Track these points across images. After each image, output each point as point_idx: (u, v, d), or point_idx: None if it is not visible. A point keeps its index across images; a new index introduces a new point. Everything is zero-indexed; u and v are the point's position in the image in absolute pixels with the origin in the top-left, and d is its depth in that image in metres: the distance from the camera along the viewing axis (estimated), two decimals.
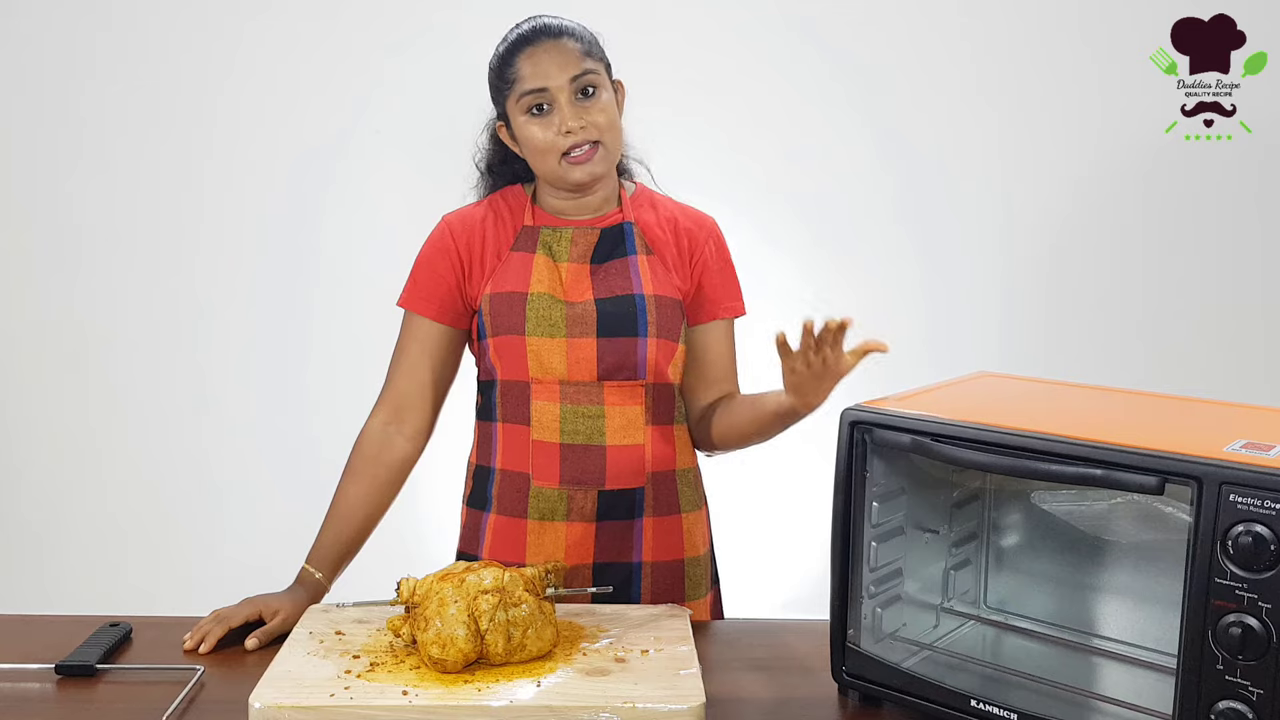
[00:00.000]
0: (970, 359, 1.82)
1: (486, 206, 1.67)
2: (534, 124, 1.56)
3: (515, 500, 1.61)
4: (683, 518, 1.65)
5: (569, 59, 1.55)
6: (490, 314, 1.60)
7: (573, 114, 1.54)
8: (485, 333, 1.61)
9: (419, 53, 3.00)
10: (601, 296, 1.59)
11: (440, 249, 1.64)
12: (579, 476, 1.59)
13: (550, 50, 1.56)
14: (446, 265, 1.63)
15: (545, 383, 1.58)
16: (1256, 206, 3.11)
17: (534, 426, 1.59)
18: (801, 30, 3.07)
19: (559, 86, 1.54)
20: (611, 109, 1.58)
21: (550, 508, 1.59)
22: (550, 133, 1.55)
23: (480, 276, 1.62)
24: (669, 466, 1.64)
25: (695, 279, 1.66)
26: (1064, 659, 1.36)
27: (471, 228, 1.64)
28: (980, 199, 3.15)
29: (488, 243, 1.62)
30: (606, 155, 1.58)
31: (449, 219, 1.66)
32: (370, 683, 1.25)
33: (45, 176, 3.09)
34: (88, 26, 3.02)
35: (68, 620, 1.50)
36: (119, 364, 3.15)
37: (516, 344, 1.58)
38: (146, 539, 3.16)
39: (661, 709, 1.20)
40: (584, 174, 1.57)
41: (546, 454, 1.59)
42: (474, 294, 1.62)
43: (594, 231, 1.62)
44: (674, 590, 1.64)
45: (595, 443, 1.58)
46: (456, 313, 1.64)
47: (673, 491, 1.64)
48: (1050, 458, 1.13)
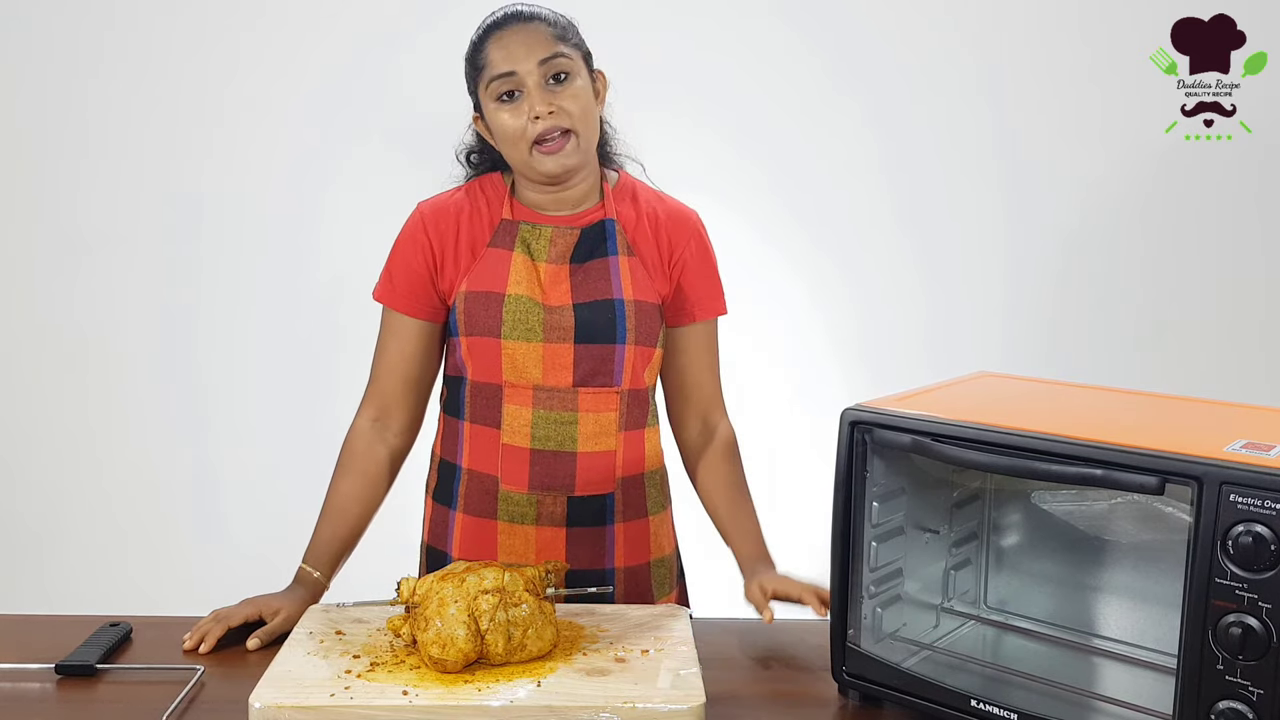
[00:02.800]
0: (970, 359, 1.82)
1: (464, 195, 1.62)
2: (504, 111, 1.51)
3: (483, 501, 1.59)
4: (650, 520, 1.64)
5: (538, 42, 1.50)
6: (465, 312, 1.56)
7: (541, 99, 1.49)
8: (457, 330, 1.57)
9: (420, 53, 2.99)
10: (580, 301, 1.55)
11: (412, 240, 1.59)
12: (548, 482, 1.56)
13: (519, 33, 1.51)
14: (419, 258, 1.58)
15: (519, 387, 1.55)
16: (1256, 206, 3.11)
17: (505, 430, 1.56)
18: (800, 30, 3.07)
19: (528, 70, 1.49)
20: (585, 96, 1.52)
21: (519, 511, 1.58)
22: (520, 120, 1.50)
23: (454, 270, 1.57)
24: (638, 470, 1.62)
25: (675, 279, 1.62)
26: (1064, 659, 1.36)
27: (446, 217, 1.59)
28: (980, 199, 3.15)
29: (462, 234, 1.58)
30: (579, 145, 1.52)
31: (422, 208, 1.62)
32: (370, 683, 1.25)
33: (45, 177, 3.08)
34: (89, 27, 3.02)
35: (68, 620, 1.50)
36: (119, 364, 3.15)
37: (491, 346, 1.55)
38: (146, 539, 3.15)
39: (661, 709, 1.20)
40: (555, 165, 1.51)
41: (516, 458, 1.56)
42: (447, 288, 1.58)
43: (574, 231, 1.58)
44: (643, 591, 1.64)
45: (566, 449, 1.56)
46: (432, 307, 1.60)
47: (641, 495, 1.63)
48: (1050, 458, 1.13)
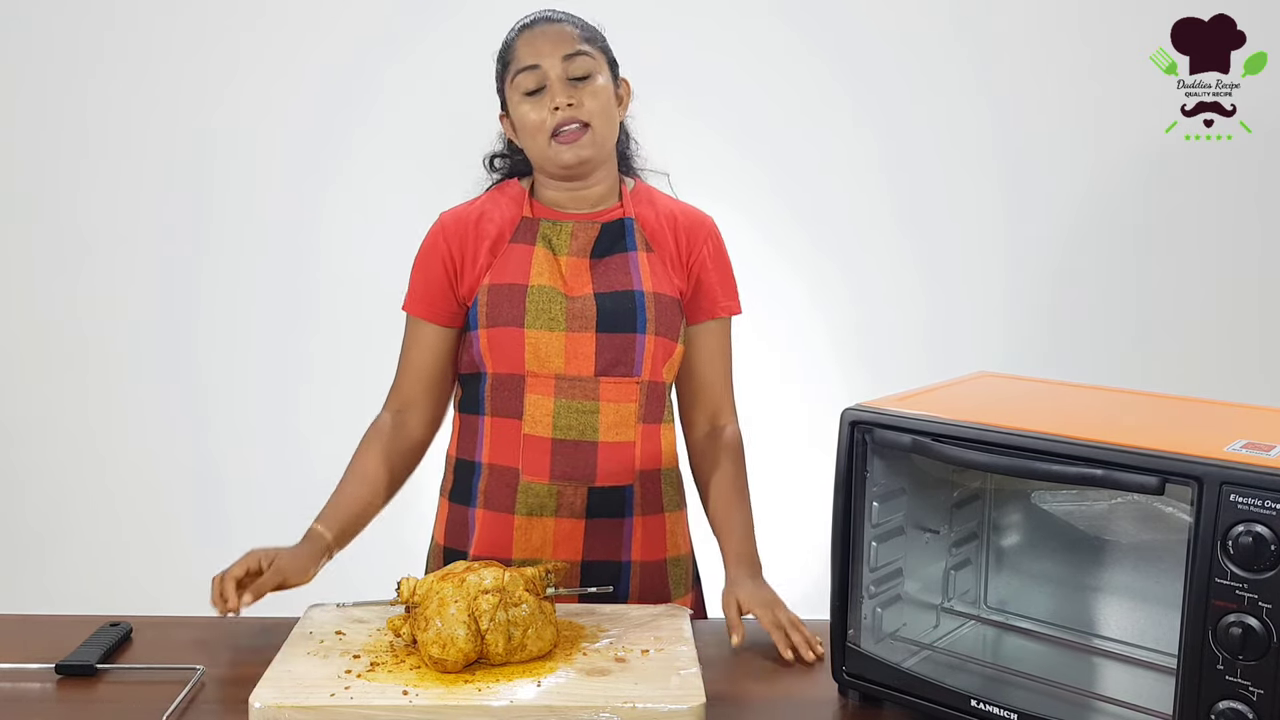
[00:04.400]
0: (970, 359, 1.82)
1: (484, 202, 1.66)
2: (526, 103, 1.57)
3: (502, 495, 1.60)
4: (666, 517, 1.65)
5: (564, 40, 1.57)
6: (487, 305, 1.58)
7: (562, 91, 1.55)
8: (477, 324, 1.59)
9: (422, 53, 3.00)
10: (601, 291, 1.58)
11: (433, 250, 1.64)
12: (569, 472, 1.58)
13: (546, 31, 1.58)
14: (439, 267, 1.63)
15: (541, 376, 1.58)
16: (1256, 206, 3.11)
17: (526, 420, 1.58)
18: (801, 30, 3.07)
19: (551, 64, 1.55)
20: (605, 96, 1.58)
21: (539, 503, 1.59)
22: (541, 112, 1.56)
23: (473, 274, 1.61)
24: (655, 465, 1.64)
25: (693, 278, 1.66)
26: (1064, 659, 1.36)
27: (465, 226, 1.63)
28: (980, 199, 3.15)
29: (482, 239, 1.61)
30: (595, 140, 1.57)
31: (444, 218, 1.66)
32: (370, 683, 1.25)
33: (46, 177, 3.08)
34: (89, 27, 3.02)
35: (68, 620, 1.50)
36: (120, 364, 3.15)
37: (514, 336, 1.57)
38: (147, 539, 3.15)
39: (661, 709, 1.20)
40: (572, 155, 1.56)
41: (538, 448, 1.58)
42: (466, 292, 1.62)
43: (594, 226, 1.62)
44: (659, 589, 1.64)
45: (588, 439, 1.58)
46: (452, 313, 1.63)
47: (658, 491, 1.64)
48: (1050, 458, 1.13)
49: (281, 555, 1.50)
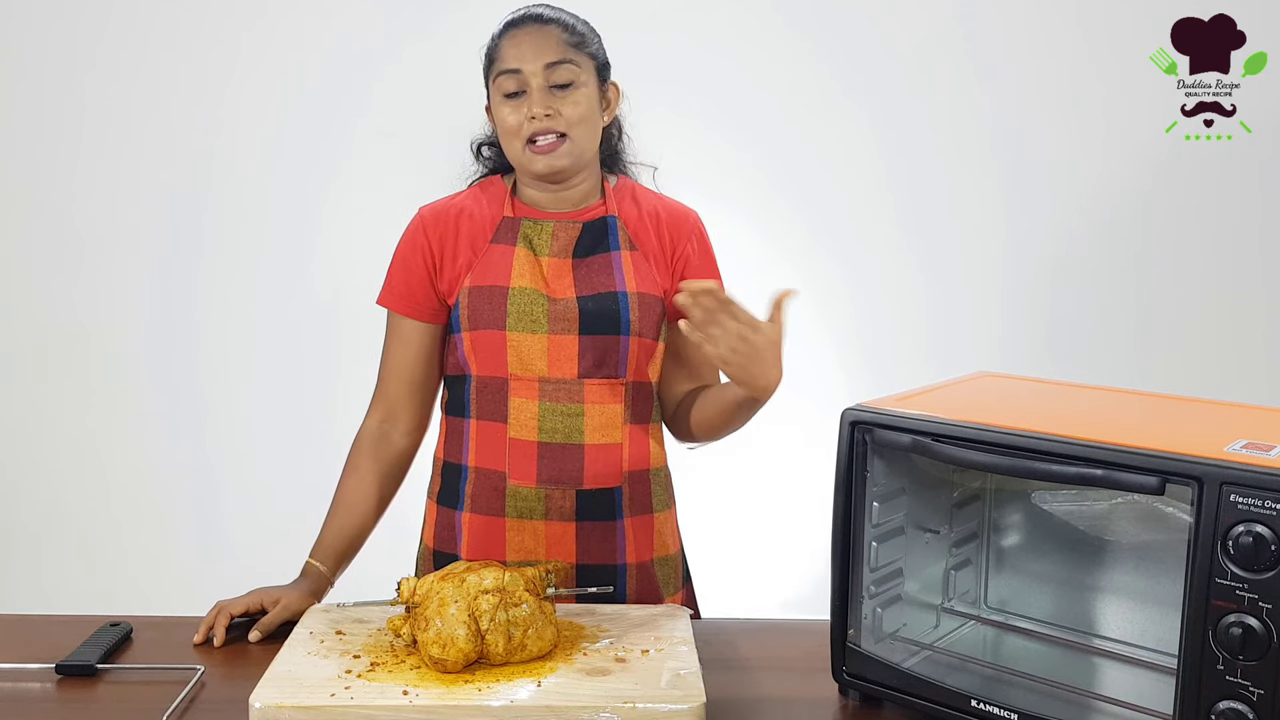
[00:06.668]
0: (970, 359, 1.82)
1: (465, 197, 1.65)
2: (506, 105, 1.55)
3: (490, 499, 1.59)
4: (654, 517, 1.64)
5: (549, 45, 1.54)
6: (468, 307, 1.57)
7: (540, 100, 1.52)
8: (460, 327, 1.58)
9: (422, 52, 3.00)
10: (584, 293, 1.57)
11: (413, 244, 1.62)
12: (556, 476, 1.57)
13: (532, 34, 1.55)
14: (419, 260, 1.61)
15: (524, 379, 1.56)
16: (1256, 206, 3.12)
17: (511, 424, 1.57)
18: (801, 30, 3.07)
19: (532, 71, 1.53)
20: (587, 105, 1.55)
21: (528, 506, 1.58)
22: (519, 117, 1.54)
23: (454, 270, 1.59)
24: (644, 466, 1.63)
25: (677, 275, 1.64)
26: (1064, 659, 1.36)
27: (446, 220, 1.61)
28: (980, 199, 3.15)
29: (462, 234, 1.60)
30: (572, 150, 1.55)
31: (423, 212, 1.64)
32: (370, 683, 1.25)
33: (45, 176, 3.09)
34: (88, 25, 3.02)
35: (68, 620, 1.50)
36: (119, 364, 3.15)
37: (496, 339, 1.56)
38: (146, 539, 3.16)
39: (661, 709, 1.20)
40: (544, 165, 1.54)
41: (523, 452, 1.57)
42: (447, 289, 1.60)
43: (576, 225, 1.60)
44: (652, 590, 1.64)
45: (574, 441, 1.57)
46: (433, 309, 1.62)
47: (646, 491, 1.63)
48: (1050, 458, 1.13)
49: (288, 594, 1.52)
